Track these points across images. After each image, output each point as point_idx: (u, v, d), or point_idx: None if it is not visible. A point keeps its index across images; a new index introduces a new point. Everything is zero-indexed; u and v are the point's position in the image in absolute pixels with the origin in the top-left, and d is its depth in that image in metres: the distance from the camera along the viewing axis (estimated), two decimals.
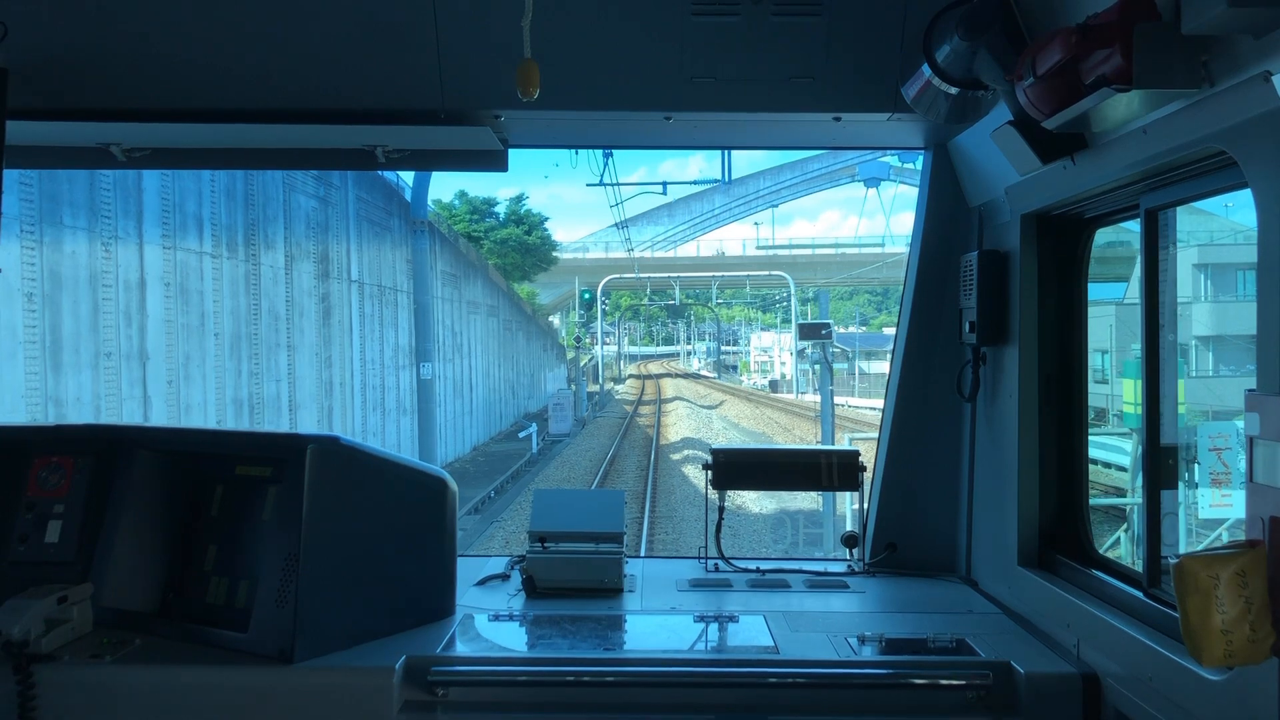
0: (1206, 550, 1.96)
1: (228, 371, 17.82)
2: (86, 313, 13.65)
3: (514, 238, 54.57)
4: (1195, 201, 2.64)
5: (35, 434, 3.41)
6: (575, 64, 3.27)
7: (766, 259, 68.95)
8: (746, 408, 51.52)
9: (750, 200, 67.20)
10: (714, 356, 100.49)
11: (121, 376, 14.43)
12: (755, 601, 3.54)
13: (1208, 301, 15.10)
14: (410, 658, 2.88)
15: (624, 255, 62.39)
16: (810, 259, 68.06)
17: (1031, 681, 2.78)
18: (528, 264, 57.00)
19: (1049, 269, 3.33)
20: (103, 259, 13.96)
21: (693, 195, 67.68)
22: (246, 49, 3.28)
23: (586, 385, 56.02)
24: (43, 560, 3.11)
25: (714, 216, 69.95)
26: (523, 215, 56.07)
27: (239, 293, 18.27)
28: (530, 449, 34.62)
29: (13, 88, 3.16)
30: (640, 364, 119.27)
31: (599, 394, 61.02)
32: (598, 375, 66.07)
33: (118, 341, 14.33)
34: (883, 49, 3.27)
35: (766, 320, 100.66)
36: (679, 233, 71.36)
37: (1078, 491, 3.30)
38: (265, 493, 3.06)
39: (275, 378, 19.74)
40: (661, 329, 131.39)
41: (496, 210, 56.15)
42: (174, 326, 15.92)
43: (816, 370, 28.78)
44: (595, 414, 50.15)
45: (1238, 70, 2.03)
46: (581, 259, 69.74)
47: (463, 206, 54.46)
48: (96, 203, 13.80)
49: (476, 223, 53.92)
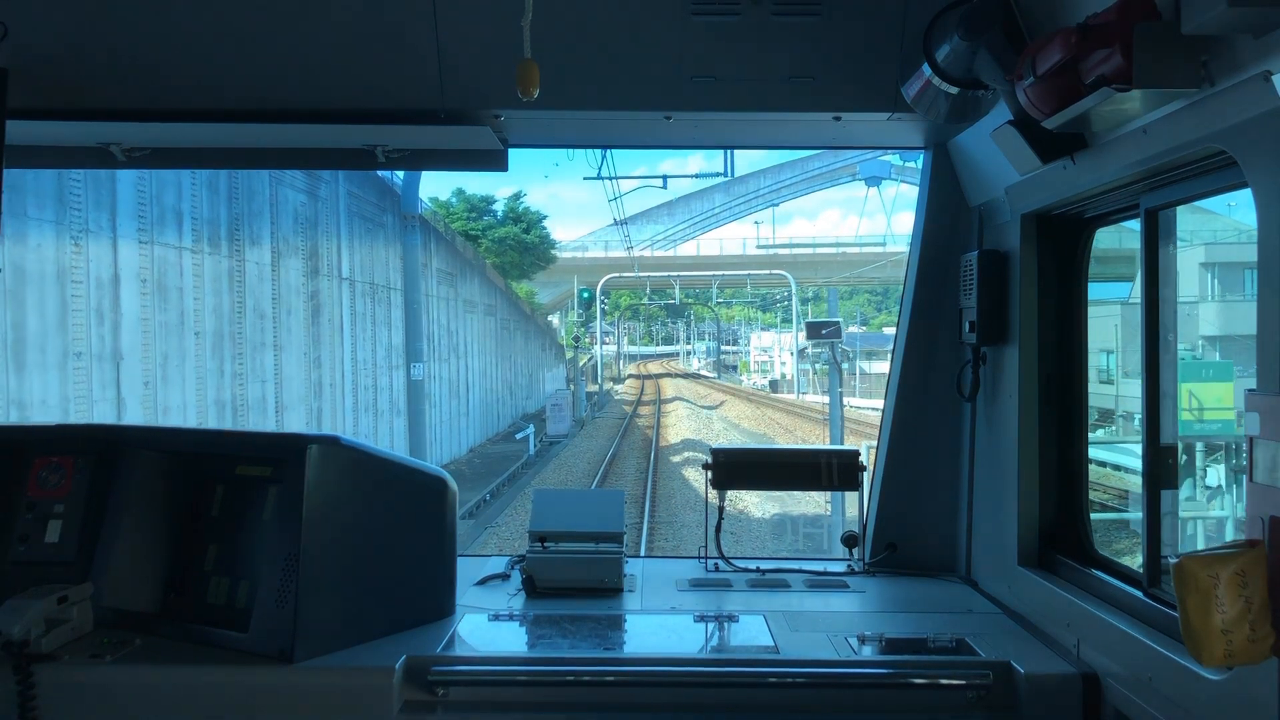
0: (1206, 550, 1.96)
1: (209, 372, 17.29)
2: (54, 310, 13.12)
3: (512, 236, 54.37)
4: (1195, 201, 2.64)
5: (35, 434, 3.41)
6: (575, 64, 3.27)
7: (767, 258, 68.46)
8: (747, 408, 51.14)
9: (750, 199, 66.66)
10: (713, 356, 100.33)
11: (92, 377, 13.90)
12: (755, 601, 3.54)
13: (1242, 300, 14.67)
14: (410, 658, 2.88)
15: (623, 254, 61.83)
16: (811, 258, 67.56)
17: (1031, 681, 2.78)
18: (526, 263, 56.33)
19: (1049, 269, 3.33)
20: (72, 253, 13.37)
21: (693, 193, 67.27)
22: (246, 49, 3.28)
23: (585, 385, 55.48)
24: (43, 560, 3.11)
25: (714, 215, 69.35)
26: (521, 213, 55.84)
27: (221, 290, 17.65)
28: (527, 451, 34.16)
29: (13, 88, 3.16)
30: (640, 364, 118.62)
31: (598, 394, 60.12)
32: (597, 375, 65.66)
33: (88, 341, 13.79)
34: (883, 49, 3.27)
35: (767, 320, 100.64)
36: (679, 231, 70.84)
37: (1078, 491, 3.30)
38: (265, 493, 3.06)
39: (261, 378, 19.30)
40: (661, 329, 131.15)
41: (494, 208, 56.17)
42: (151, 325, 15.34)
43: (818, 370, 28.29)
44: (594, 415, 49.46)
45: (1238, 70, 2.03)
46: (580, 258, 69.21)
47: (460, 204, 54.25)
48: (65, 194, 13.24)
49: (474, 221, 53.78)
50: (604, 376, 71.32)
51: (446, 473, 3.39)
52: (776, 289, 76.19)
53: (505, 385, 46.48)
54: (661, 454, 32.08)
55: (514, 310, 50.20)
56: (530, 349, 55.44)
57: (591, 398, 55.45)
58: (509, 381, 47.67)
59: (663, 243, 70.89)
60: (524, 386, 52.11)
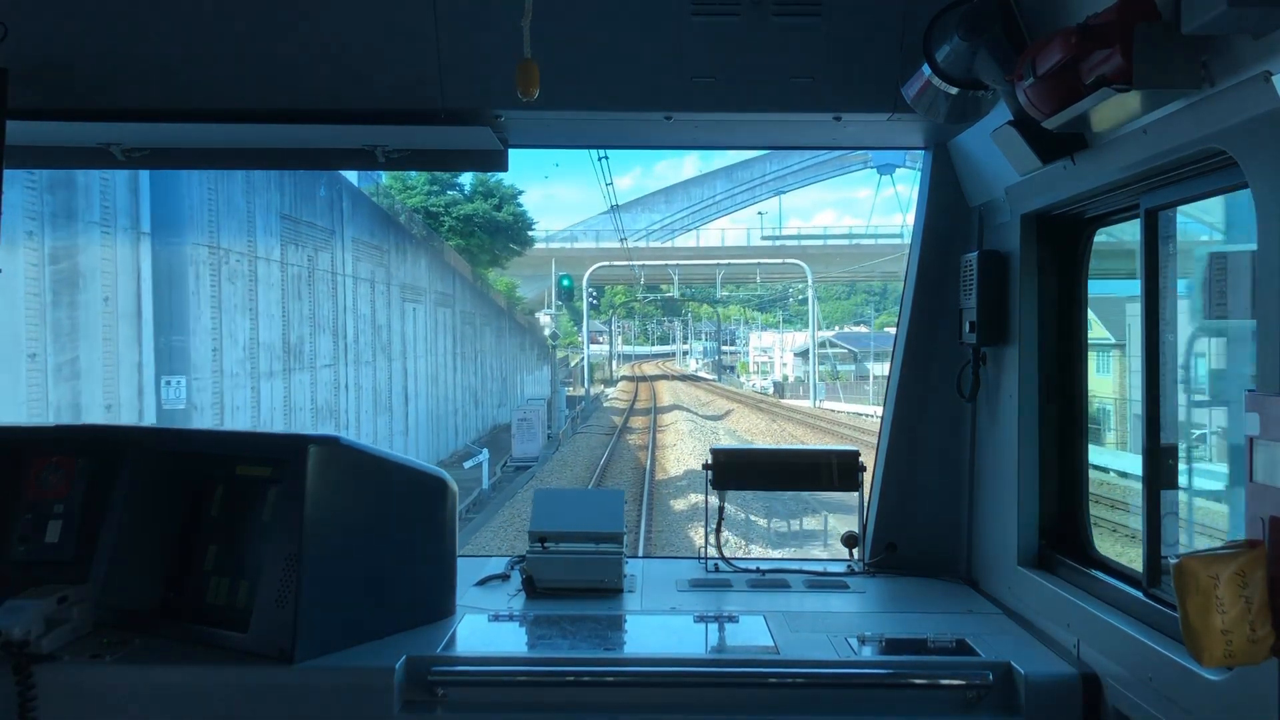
0: (1206, 550, 1.96)
1: None
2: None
3: (481, 213, 45.30)
4: (1195, 201, 2.64)
5: (35, 434, 3.41)
6: (575, 64, 3.27)
7: (775, 248, 64.40)
8: (759, 420, 43.93)
9: (754, 186, 62.25)
10: (713, 357, 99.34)
11: None
12: (755, 601, 3.54)
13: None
14: (410, 658, 2.88)
15: (617, 245, 56.62)
16: (822, 249, 62.82)
17: (1031, 681, 2.79)
18: (498, 246, 47.30)
19: (1049, 269, 3.34)
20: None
21: (692, 180, 62.43)
22: (246, 49, 3.28)
23: (566, 391, 48.36)
24: (43, 560, 3.11)
25: (715, 204, 64.54)
26: (492, 188, 46.28)
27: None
28: (480, 484, 26.06)
29: (13, 88, 3.16)
30: (634, 364, 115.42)
31: (584, 401, 52.92)
32: (587, 378, 59.34)
33: None
34: (883, 49, 3.27)
35: (767, 320, 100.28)
36: (677, 220, 65.82)
37: (1078, 491, 3.30)
38: (265, 493, 3.06)
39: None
40: (657, 328, 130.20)
41: (460, 181, 46.22)
42: None
43: (840, 373, 24.85)
44: (575, 429, 41.14)
45: (1238, 70, 2.03)
46: (569, 249, 63.60)
47: (420, 175, 43.50)
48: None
49: (436, 195, 44.69)
50: (595, 378, 64.89)
51: (446, 473, 3.39)
52: (787, 282, 71.92)
53: (468, 392, 39.07)
54: (658, 493, 23.64)
55: (482, 302, 43.03)
56: (505, 348, 48.65)
57: (576, 405, 48.63)
58: (473, 388, 40.16)
59: (660, 232, 66.00)
60: (495, 393, 44.89)
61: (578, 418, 45.78)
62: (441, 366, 34.34)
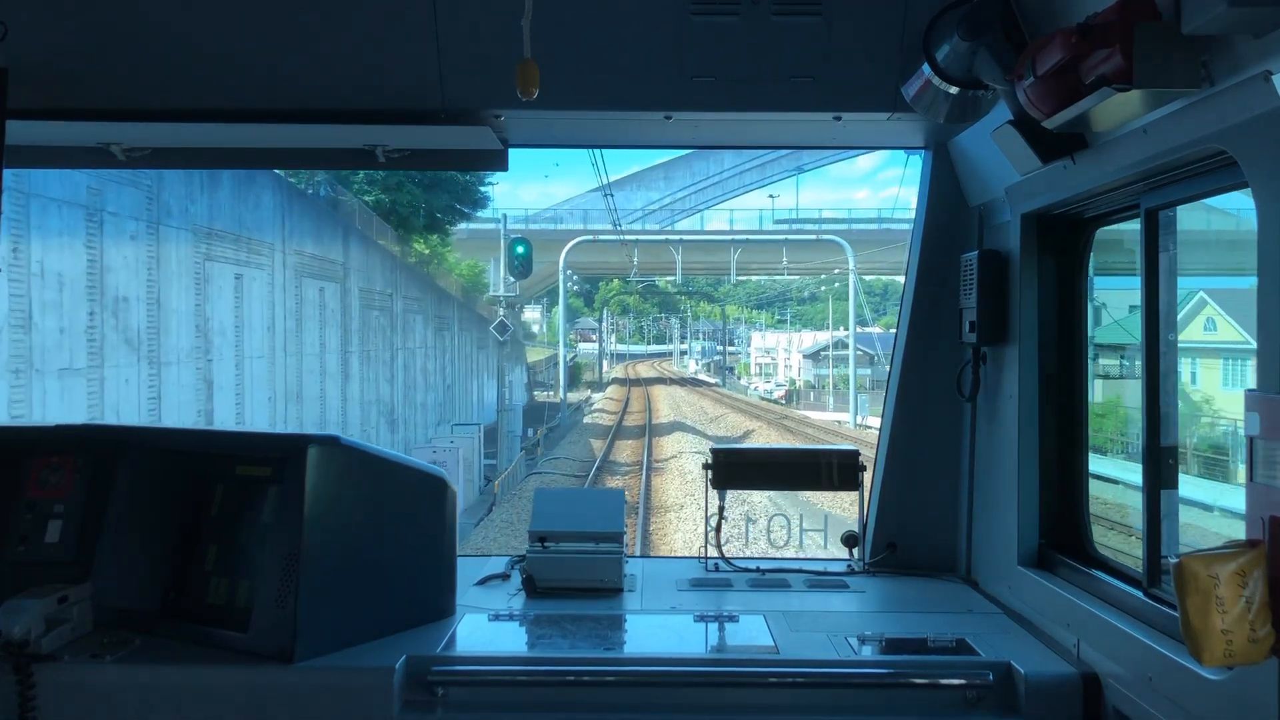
0: (1207, 550, 1.96)
1: None
2: None
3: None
4: (1195, 201, 2.64)
5: (35, 434, 3.41)
6: (575, 64, 3.28)
7: (792, 231, 54.55)
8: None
9: (765, 162, 51.49)
10: (713, 357, 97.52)
11: None
12: (755, 601, 3.54)
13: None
14: (410, 658, 2.88)
15: (609, 229, 46.55)
16: (847, 234, 50.57)
17: (1031, 681, 2.79)
18: (437, 206, 35.02)
19: (1049, 269, 3.34)
20: None
21: (695, 154, 50.85)
22: (246, 49, 3.28)
23: (533, 399, 35.57)
24: (43, 560, 3.12)
25: (720, 181, 54.00)
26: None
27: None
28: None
29: (13, 88, 3.16)
30: (628, 365, 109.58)
31: (560, 414, 41.41)
32: (563, 385, 48.82)
33: None
34: (883, 49, 3.27)
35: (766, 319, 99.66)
36: (678, 201, 55.20)
37: (1078, 491, 3.30)
38: (265, 493, 3.07)
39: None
40: (653, 326, 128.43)
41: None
42: None
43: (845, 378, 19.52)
44: (530, 467, 28.85)
45: (1238, 70, 2.03)
46: (553, 231, 51.66)
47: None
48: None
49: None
50: (580, 383, 52.88)
51: (446, 473, 3.39)
52: (814, 273, 59.45)
53: (373, 408, 28.31)
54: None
55: (413, 282, 32.52)
56: (455, 347, 38.18)
57: (550, 418, 36.97)
58: (384, 401, 29.25)
59: (658, 215, 55.46)
60: (433, 408, 34.19)
61: (539, 444, 33.74)
62: (312, 371, 24.14)
